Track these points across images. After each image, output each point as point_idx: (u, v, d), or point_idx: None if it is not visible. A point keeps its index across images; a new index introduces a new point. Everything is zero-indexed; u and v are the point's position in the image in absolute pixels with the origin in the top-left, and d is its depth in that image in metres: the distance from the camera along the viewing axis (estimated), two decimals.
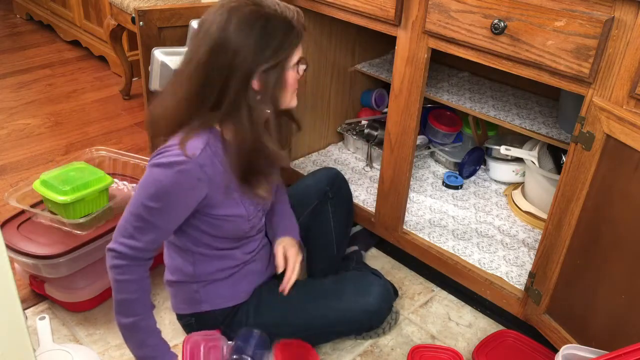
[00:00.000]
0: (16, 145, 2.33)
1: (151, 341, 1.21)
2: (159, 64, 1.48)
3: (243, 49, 1.08)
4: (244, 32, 1.07)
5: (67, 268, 1.45)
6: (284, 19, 1.11)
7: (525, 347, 1.43)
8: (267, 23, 1.09)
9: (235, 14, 1.08)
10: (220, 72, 1.09)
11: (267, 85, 1.12)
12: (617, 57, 1.09)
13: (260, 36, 1.08)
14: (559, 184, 1.26)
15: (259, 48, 1.08)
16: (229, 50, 1.08)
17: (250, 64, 1.09)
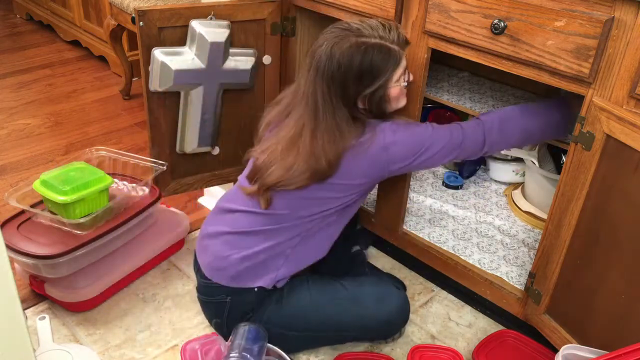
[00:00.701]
0: (16, 145, 2.33)
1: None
2: (159, 64, 1.48)
3: (347, 81, 1.23)
4: (347, 64, 1.22)
5: (67, 268, 1.45)
6: (382, 46, 1.23)
7: (525, 347, 1.43)
8: (365, 54, 1.22)
9: (338, 47, 1.22)
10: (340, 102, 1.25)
11: (371, 106, 1.28)
12: (617, 57, 1.09)
13: (360, 67, 1.22)
14: (559, 184, 1.26)
15: (360, 77, 1.23)
16: (339, 82, 1.23)
17: (355, 92, 1.25)
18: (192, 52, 1.51)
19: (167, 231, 1.71)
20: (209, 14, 1.52)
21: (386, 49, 1.23)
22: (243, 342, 1.27)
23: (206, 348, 1.29)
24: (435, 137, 1.30)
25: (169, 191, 1.71)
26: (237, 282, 1.36)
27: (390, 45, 1.23)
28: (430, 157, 1.30)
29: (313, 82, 1.26)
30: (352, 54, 1.21)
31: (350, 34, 1.22)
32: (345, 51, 1.21)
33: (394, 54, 1.24)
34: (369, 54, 1.21)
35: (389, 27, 1.25)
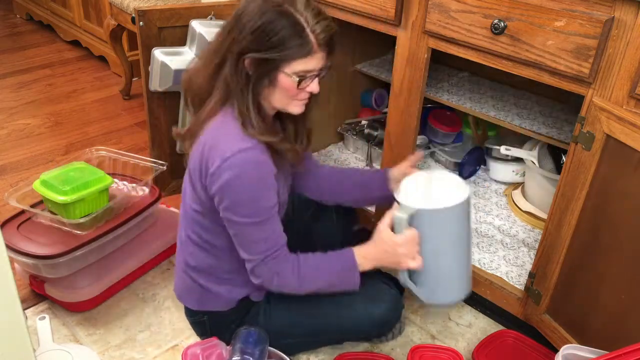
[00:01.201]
0: (16, 145, 2.33)
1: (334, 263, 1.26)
2: (159, 64, 1.48)
3: (247, 27, 1.12)
4: (256, 13, 1.11)
5: (67, 268, 1.45)
6: (297, 23, 1.10)
7: (525, 347, 1.43)
8: (278, 16, 1.10)
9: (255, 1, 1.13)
10: (229, 39, 1.15)
11: (254, 74, 1.14)
12: (617, 57, 1.09)
13: (264, 24, 1.10)
14: (559, 184, 1.26)
15: (257, 33, 1.11)
16: (239, 22, 1.13)
17: (246, 43, 1.12)
18: (192, 52, 1.51)
19: (167, 231, 1.71)
20: (209, 14, 1.52)
21: (300, 29, 1.10)
22: (244, 345, 1.27)
23: (207, 352, 1.29)
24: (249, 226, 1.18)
25: (169, 191, 1.71)
26: (206, 305, 1.35)
27: (307, 31, 1.10)
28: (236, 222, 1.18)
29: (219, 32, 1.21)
30: (267, 10, 1.11)
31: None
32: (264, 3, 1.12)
33: (305, 39, 1.11)
34: (280, 20, 1.10)
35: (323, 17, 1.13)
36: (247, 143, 1.15)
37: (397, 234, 1.21)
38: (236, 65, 1.14)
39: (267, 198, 1.18)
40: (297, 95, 1.18)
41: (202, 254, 1.30)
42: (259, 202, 1.17)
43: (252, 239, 1.20)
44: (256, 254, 1.20)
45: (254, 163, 1.15)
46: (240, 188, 1.15)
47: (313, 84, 1.17)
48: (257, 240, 1.20)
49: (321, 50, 1.13)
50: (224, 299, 1.33)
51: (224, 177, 1.13)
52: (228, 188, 1.14)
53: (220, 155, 1.13)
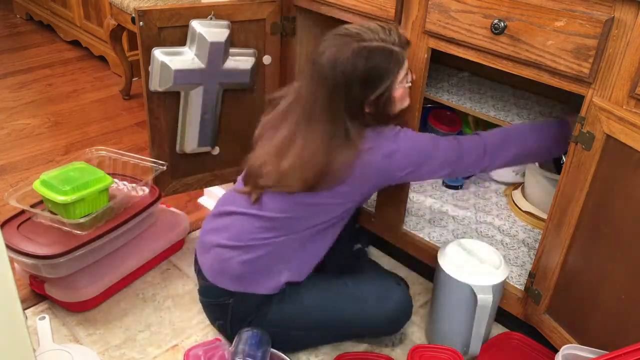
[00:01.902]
0: (16, 145, 2.33)
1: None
2: (159, 64, 1.48)
3: (353, 85, 1.22)
4: (350, 71, 1.21)
5: (67, 268, 1.45)
6: (384, 49, 1.22)
7: (530, 349, 1.43)
8: (368, 58, 1.21)
9: (341, 54, 1.21)
10: (343, 107, 1.24)
11: (377, 109, 1.27)
12: (617, 57, 1.09)
13: (364, 71, 1.21)
14: (559, 184, 1.26)
15: (365, 82, 1.22)
16: (342, 87, 1.22)
17: (360, 96, 1.24)
18: (192, 52, 1.51)
19: (167, 231, 1.71)
20: (209, 14, 1.52)
21: (388, 51, 1.23)
22: (247, 347, 1.27)
23: (209, 354, 1.29)
24: (437, 146, 1.32)
25: (169, 191, 1.71)
26: (240, 286, 1.35)
27: (392, 47, 1.23)
28: (433, 167, 1.32)
29: (314, 90, 1.25)
30: (355, 60, 1.21)
31: (351, 40, 1.22)
32: (348, 58, 1.21)
33: (396, 55, 1.24)
34: (373, 58, 1.21)
35: (388, 29, 1.24)
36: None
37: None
38: (361, 115, 1.26)
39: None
40: (407, 93, 1.33)
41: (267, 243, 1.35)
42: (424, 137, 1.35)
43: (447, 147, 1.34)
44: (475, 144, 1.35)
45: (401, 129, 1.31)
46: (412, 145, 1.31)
47: (413, 76, 1.33)
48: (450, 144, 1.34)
49: (404, 49, 1.27)
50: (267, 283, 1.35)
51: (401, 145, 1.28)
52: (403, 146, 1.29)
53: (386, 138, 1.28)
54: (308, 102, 1.27)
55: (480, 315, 1.32)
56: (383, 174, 1.30)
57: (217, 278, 1.38)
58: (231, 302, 1.37)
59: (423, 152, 1.30)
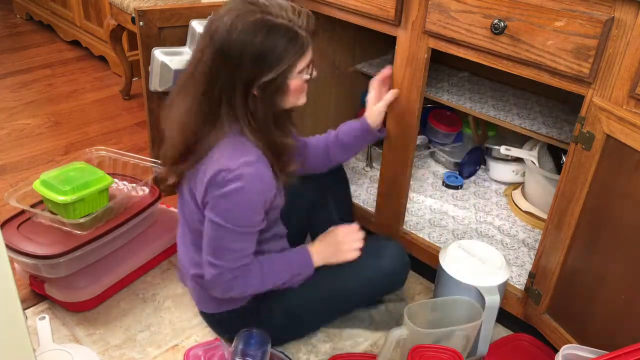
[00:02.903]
0: (16, 145, 2.33)
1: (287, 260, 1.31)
2: (159, 64, 1.48)
3: (244, 58, 1.09)
4: (246, 41, 1.09)
5: (67, 268, 1.45)
6: (289, 29, 1.10)
7: (538, 351, 1.43)
8: (269, 33, 1.09)
9: (241, 20, 1.09)
10: (225, 78, 1.12)
11: (266, 94, 1.14)
12: (617, 57, 1.09)
13: (261, 46, 1.09)
14: (559, 184, 1.26)
15: (259, 59, 1.10)
16: (232, 57, 1.10)
17: (250, 74, 1.11)
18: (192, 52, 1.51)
19: (167, 231, 1.71)
20: (209, 14, 1.52)
21: (293, 32, 1.11)
22: (247, 347, 1.27)
23: (209, 354, 1.29)
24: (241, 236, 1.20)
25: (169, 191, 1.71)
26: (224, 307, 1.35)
27: (298, 30, 1.11)
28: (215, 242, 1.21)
29: (200, 49, 1.14)
30: (254, 31, 1.08)
31: (255, 9, 1.10)
32: (247, 26, 1.08)
33: (300, 40, 1.12)
34: (274, 35, 1.09)
35: (298, 10, 1.13)
36: (252, 156, 1.15)
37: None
38: (245, 97, 1.13)
39: (260, 213, 1.20)
40: (304, 88, 1.21)
41: None
42: (253, 216, 1.19)
43: (230, 247, 1.20)
44: (228, 261, 1.21)
45: (258, 177, 1.16)
46: (241, 199, 1.15)
47: (314, 71, 1.20)
48: (234, 249, 1.21)
49: (311, 38, 1.15)
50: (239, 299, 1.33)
51: (229, 186, 1.14)
52: (230, 197, 1.15)
53: (226, 166, 1.14)
54: (191, 62, 1.16)
55: (487, 316, 1.32)
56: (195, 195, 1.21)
57: (201, 306, 1.39)
58: (225, 318, 1.37)
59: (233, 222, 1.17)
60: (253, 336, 1.30)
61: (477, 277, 1.32)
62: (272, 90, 1.14)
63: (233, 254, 1.21)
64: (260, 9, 1.10)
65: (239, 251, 1.21)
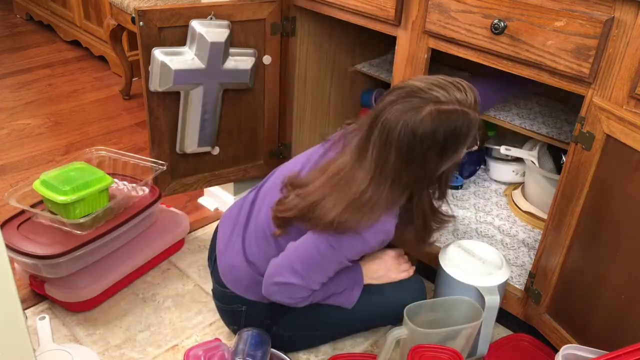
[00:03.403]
0: (16, 145, 2.33)
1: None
2: (159, 64, 1.48)
3: (429, 156, 1.12)
4: (429, 141, 1.10)
5: (67, 268, 1.45)
6: (463, 114, 1.10)
7: (538, 351, 1.43)
8: (447, 126, 1.09)
9: (417, 122, 1.09)
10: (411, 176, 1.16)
11: (442, 180, 1.23)
12: (617, 57, 1.09)
13: (445, 141, 1.10)
14: (559, 184, 1.26)
15: (442, 151, 1.12)
16: (417, 158, 1.12)
17: (435, 167, 1.16)
18: (192, 52, 1.51)
19: (167, 231, 1.71)
20: (209, 14, 1.52)
21: (467, 116, 1.10)
22: (246, 347, 1.27)
23: (210, 354, 1.29)
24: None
25: (169, 191, 1.71)
26: (253, 295, 1.34)
27: (469, 111, 1.10)
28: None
29: (382, 149, 1.13)
30: (434, 125, 1.08)
31: (425, 101, 1.09)
32: (424, 122, 1.08)
33: (474, 121, 1.11)
34: (452, 123, 1.09)
35: (463, 88, 1.11)
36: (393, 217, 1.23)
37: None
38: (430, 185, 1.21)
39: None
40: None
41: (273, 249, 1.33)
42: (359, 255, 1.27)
43: (324, 269, 1.24)
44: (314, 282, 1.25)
45: (385, 233, 1.22)
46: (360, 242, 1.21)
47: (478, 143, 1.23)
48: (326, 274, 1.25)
49: (478, 114, 1.15)
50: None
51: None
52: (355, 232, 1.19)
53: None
54: (375, 159, 1.15)
55: (487, 316, 1.32)
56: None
57: (230, 283, 1.37)
58: (244, 310, 1.37)
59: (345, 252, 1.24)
60: (253, 336, 1.30)
61: (477, 277, 1.32)
62: (447, 175, 1.21)
63: (321, 278, 1.25)
64: (430, 99, 1.09)
65: (326, 277, 1.26)
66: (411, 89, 1.11)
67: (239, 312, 1.38)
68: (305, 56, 1.78)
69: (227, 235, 1.40)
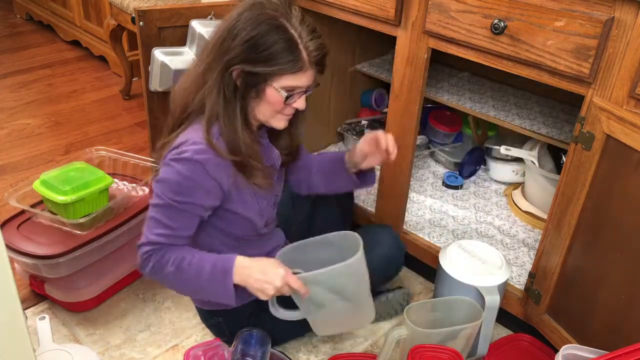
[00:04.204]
0: (16, 145, 2.33)
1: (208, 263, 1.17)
2: (159, 64, 1.48)
3: (237, 39, 1.09)
4: (247, 27, 1.08)
5: (67, 268, 1.45)
6: (290, 39, 1.09)
7: (538, 351, 1.43)
8: (271, 31, 1.08)
9: (258, 10, 1.10)
10: (216, 54, 1.12)
11: (241, 83, 1.12)
12: (617, 57, 1.09)
13: (257, 37, 1.08)
14: (559, 184, 1.26)
15: (249, 47, 1.09)
16: (230, 36, 1.10)
17: (235, 55, 1.10)
18: (192, 52, 1.51)
19: None
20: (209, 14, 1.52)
21: (295, 46, 1.09)
22: (247, 347, 1.27)
23: (209, 354, 1.29)
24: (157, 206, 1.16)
25: None
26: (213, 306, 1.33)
27: (302, 49, 1.10)
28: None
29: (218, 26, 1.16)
30: (261, 23, 1.08)
31: (278, 9, 1.10)
32: (259, 17, 1.09)
33: (298, 56, 1.10)
34: (275, 34, 1.08)
35: (317, 36, 1.12)
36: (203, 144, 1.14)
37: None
38: (223, 74, 1.12)
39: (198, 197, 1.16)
40: (283, 110, 1.17)
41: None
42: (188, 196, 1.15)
43: (155, 218, 1.16)
44: (150, 232, 1.16)
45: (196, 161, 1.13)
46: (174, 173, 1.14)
47: (300, 101, 1.17)
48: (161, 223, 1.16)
49: (312, 68, 1.13)
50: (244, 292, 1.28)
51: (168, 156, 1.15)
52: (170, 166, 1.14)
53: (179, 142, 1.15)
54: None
55: (487, 316, 1.32)
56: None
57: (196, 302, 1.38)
58: (222, 321, 1.36)
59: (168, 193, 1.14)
60: (253, 336, 1.30)
61: (477, 277, 1.32)
62: (249, 83, 1.11)
63: (157, 228, 1.16)
64: (281, 13, 1.10)
65: (165, 227, 1.16)
66: (281, 2, 1.12)
67: (219, 324, 1.38)
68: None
69: None
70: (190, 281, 1.17)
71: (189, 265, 1.16)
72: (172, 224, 1.16)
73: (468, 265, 1.35)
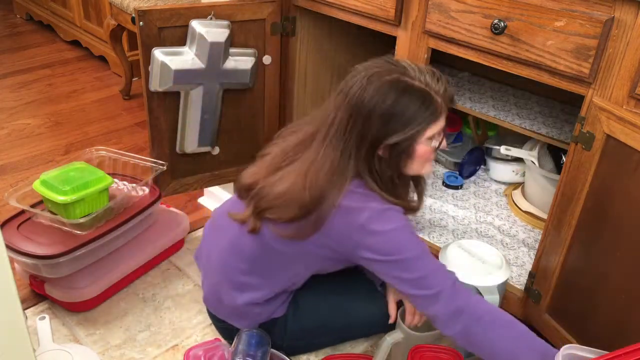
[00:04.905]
0: (16, 145, 2.33)
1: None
2: (158, 64, 1.48)
3: (373, 117, 1.08)
4: (378, 99, 1.08)
5: (67, 268, 1.45)
6: (423, 92, 1.09)
7: None
8: (402, 94, 1.08)
9: (377, 78, 1.09)
10: (355, 136, 1.11)
11: (391, 156, 1.13)
12: (617, 57, 1.09)
13: (392, 107, 1.08)
14: (559, 184, 1.26)
15: (387, 119, 1.08)
16: (363, 115, 1.09)
17: (378, 133, 1.10)
18: (192, 52, 1.51)
19: (167, 231, 1.71)
20: (209, 14, 1.52)
21: (428, 97, 1.09)
22: (246, 347, 1.27)
23: (209, 354, 1.29)
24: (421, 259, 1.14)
25: (169, 191, 1.71)
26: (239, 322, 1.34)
27: (434, 95, 1.10)
28: (400, 277, 1.14)
29: (337, 107, 1.13)
30: (388, 91, 1.07)
31: (393, 69, 1.10)
32: (381, 85, 1.08)
33: (434, 105, 1.10)
34: (407, 97, 1.08)
35: (438, 76, 1.12)
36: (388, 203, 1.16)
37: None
38: (371, 156, 1.12)
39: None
40: (431, 157, 1.18)
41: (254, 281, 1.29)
42: (415, 238, 1.17)
43: (430, 268, 1.14)
44: (443, 279, 1.14)
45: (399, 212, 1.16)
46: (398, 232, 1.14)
47: (444, 141, 1.17)
48: (436, 267, 1.16)
49: (446, 106, 1.13)
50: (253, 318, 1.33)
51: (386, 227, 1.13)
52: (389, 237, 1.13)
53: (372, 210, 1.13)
54: (329, 117, 1.15)
55: None
56: (344, 246, 1.16)
57: (213, 306, 1.38)
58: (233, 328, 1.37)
59: (404, 251, 1.13)
60: (253, 336, 1.30)
61: (477, 277, 1.32)
62: (398, 153, 1.12)
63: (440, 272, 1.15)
64: (398, 70, 1.10)
65: (441, 266, 1.17)
66: (388, 59, 1.13)
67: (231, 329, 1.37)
68: (305, 56, 1.78)
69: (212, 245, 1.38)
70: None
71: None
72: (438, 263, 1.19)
73: (468, 265, 1.35)
